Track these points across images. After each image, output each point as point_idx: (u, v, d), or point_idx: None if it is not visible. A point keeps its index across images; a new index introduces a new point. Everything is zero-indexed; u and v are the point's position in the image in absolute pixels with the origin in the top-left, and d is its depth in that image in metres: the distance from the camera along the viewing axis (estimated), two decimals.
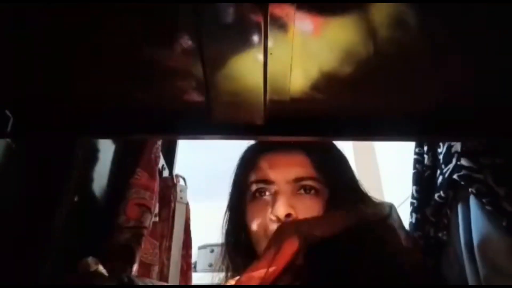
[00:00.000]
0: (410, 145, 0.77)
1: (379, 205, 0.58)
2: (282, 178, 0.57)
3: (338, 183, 0.58)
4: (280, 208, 0.55)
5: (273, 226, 0.55)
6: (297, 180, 0.57)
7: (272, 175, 0.58)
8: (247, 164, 0.64)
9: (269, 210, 0.56)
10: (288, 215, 0.55)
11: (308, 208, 0.56)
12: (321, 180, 0.57)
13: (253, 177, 0.60)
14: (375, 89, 0.46)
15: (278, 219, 0.55)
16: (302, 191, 0.57)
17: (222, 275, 0.64)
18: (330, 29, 0.38)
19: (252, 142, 0.67)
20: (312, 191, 0.57)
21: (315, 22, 0.37)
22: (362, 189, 0.63)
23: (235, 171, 0.66)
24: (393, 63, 0.42)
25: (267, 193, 0.58)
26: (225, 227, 0.66)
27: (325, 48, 0.40)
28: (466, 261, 0.55)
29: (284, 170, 0.58)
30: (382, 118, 0.49)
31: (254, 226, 0.58)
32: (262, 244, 0.57)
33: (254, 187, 0.60)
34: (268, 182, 0.58)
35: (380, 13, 0.37)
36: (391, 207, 0.56)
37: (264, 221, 0.57)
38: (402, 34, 0.38)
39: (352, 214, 0.54)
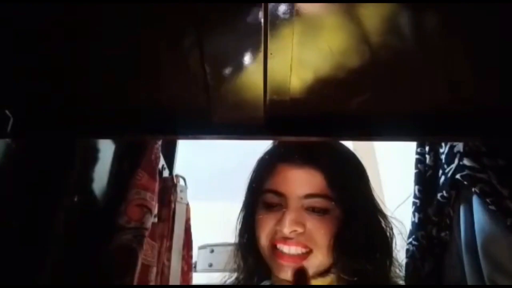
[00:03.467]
0: (410, 145, 0.77)
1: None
2: (293, 193, 0.57)
3: (351, 202, 0.57)
4: (286, 224, 0.55)
5: (279, 239, 0.56)
6: (308, 196, 0.57)
7: (284, 188, 0.58)
8: (263, 170, 0.64)
9: (277, 223, 0.56)
10: (293, 232, 0.55)
11: (316, 226, 0.56)
12: (333, 199, 0.57)
13: (266, 185, 0.61)
14: (375, 89, 0.45)
15: (284, 234, 0.55)
16: (312, 208, 0.57)
17: (233, 276, 0.65)
18: (330, 29, 0.38)
19: (270, 146, 0.66)
20: (323, 210, 0.57)
21: (315, 22, 0.37)
22: (377, 205, 0.63)
23: (251, 173, 0.66)
24: (394, 63, 0.42)
25: (277, 205, 0.58)
26: (238, 227, 0.66)
27: (325, 48, 0.40)
28: (468, 260, 0.55)
29: (297, 185, 0.58)
30: (382, 118, 0.48)
31: (262, 235, 0.59)
32: (268, 253, 0.59)
33: (265, 196, 0.60)
34: (279, 194, 0.58)
35: (380, 13, 0.37)
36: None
37: (271, 232, 0.58)
38: (403, 34, 0.38)
39: None
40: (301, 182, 0.58)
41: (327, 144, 0.61)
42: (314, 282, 0.57)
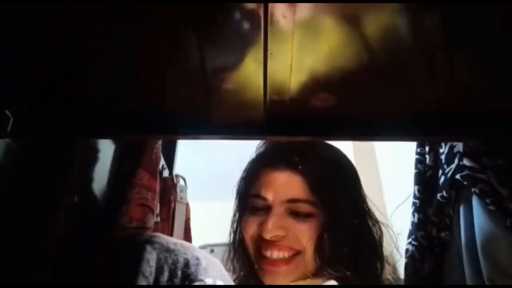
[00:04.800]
0: (410, 145, 0.77)
1: None
2: (276, 197, 0.58)
3: (335, 207, 0.57)
4: (267, 229, 0.55)
5: (262, 243, 0.57)
6: (291, 201, 0.57)
7: (267, 193, 0.59)
8: (248, 177, 0.65)
9: (259, 227, 0.57)
10: (275, 236, 0.56)
11: (300, 230, 0.56)
12: (316, 204, 0.57)
13: (251, 190, 0.62)
14: (375, 89, 0.45)
15: (266, 239, 0.56)
16: (296, 212, 0.57)
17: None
18: (330, 29, 0.38)
19: (255, 154, 0.67)
20: (306, 214, 0.57)
21: (315, 22, 0.37)
22: (367, 209, 0.62)
23: (238, 182, 0.67)
24: (394, 63, 0.42)
25: (262, 209, 0.59)
26: (233, 230, 0.67)
27: (325, 48, 0.40)
28: (468, 260, 0.56)
29: (279, 190, 0.58)
30: (382, 118, 0.48)
31: (247, 238, 0.60)
32: (253, 257, 0.59)
33: (251, 200, 0.61)
34: (263, 198, 0.59)
35: (380, 13, 0.37)
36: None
37: (255, 235, 0.59)
38: (403, 34, 0.38)
39: None
40: (284, 186, 0.58)
41: (313, 149, 0.61)
42: (304, 283, 0.56)
